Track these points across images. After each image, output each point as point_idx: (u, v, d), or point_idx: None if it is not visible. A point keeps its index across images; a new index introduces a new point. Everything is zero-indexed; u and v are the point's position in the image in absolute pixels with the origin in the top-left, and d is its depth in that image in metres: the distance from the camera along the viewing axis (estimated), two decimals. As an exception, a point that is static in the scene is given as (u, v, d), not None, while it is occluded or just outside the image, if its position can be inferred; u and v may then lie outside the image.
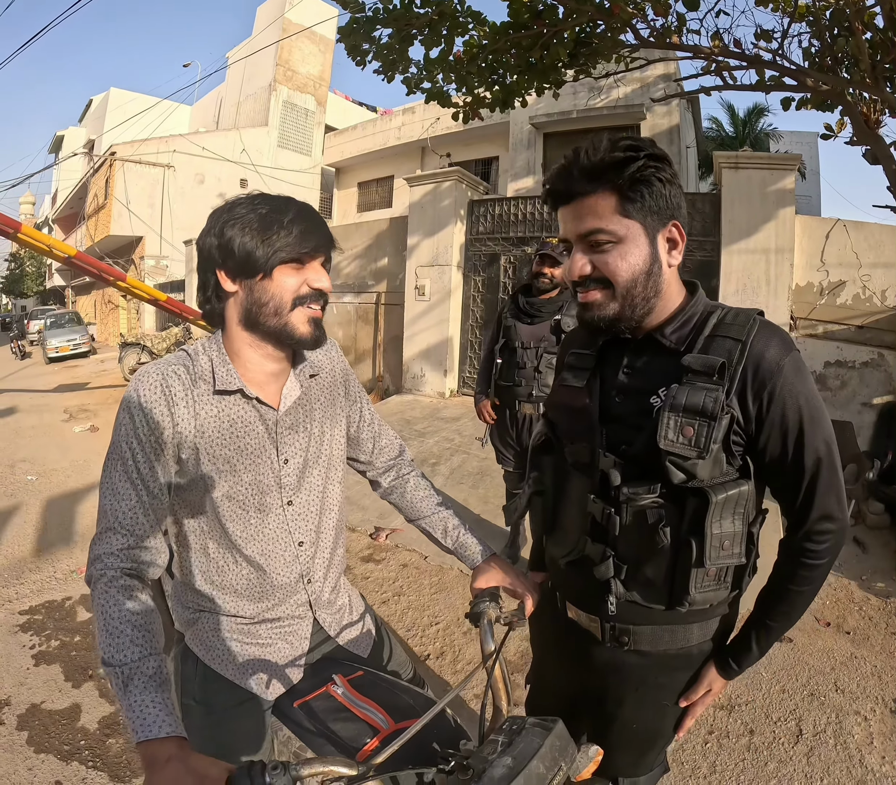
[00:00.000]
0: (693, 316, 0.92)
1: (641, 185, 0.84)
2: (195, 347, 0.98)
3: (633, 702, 1.03)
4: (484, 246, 6.67)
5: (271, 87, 16.77)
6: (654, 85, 9.55)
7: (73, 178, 20.69)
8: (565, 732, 0.74)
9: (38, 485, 4.83)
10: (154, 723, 0.71)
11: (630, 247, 0.87)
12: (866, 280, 4.65)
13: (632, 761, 1.10)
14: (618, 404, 0.96)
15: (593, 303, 0.91)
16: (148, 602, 0.86)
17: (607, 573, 0.93)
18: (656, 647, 0.98)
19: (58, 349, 14.58)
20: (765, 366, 0.84)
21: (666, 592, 0.92)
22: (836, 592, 3.00)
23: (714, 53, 4.84)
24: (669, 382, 0.88)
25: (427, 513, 1.20)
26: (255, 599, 1.03)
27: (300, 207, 0.93)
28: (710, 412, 0.82)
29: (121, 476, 0.89)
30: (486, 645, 0.92)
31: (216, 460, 0.94)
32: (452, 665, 2.37)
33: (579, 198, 0.87)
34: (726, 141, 15.26)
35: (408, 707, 0.98)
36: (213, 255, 0.92)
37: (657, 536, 0.87)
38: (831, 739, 1.98)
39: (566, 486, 1.05)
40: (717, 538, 0.85)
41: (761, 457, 0.88)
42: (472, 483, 4.32)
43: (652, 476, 0.88)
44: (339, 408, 1.12)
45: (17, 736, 2.01)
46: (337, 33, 5.02)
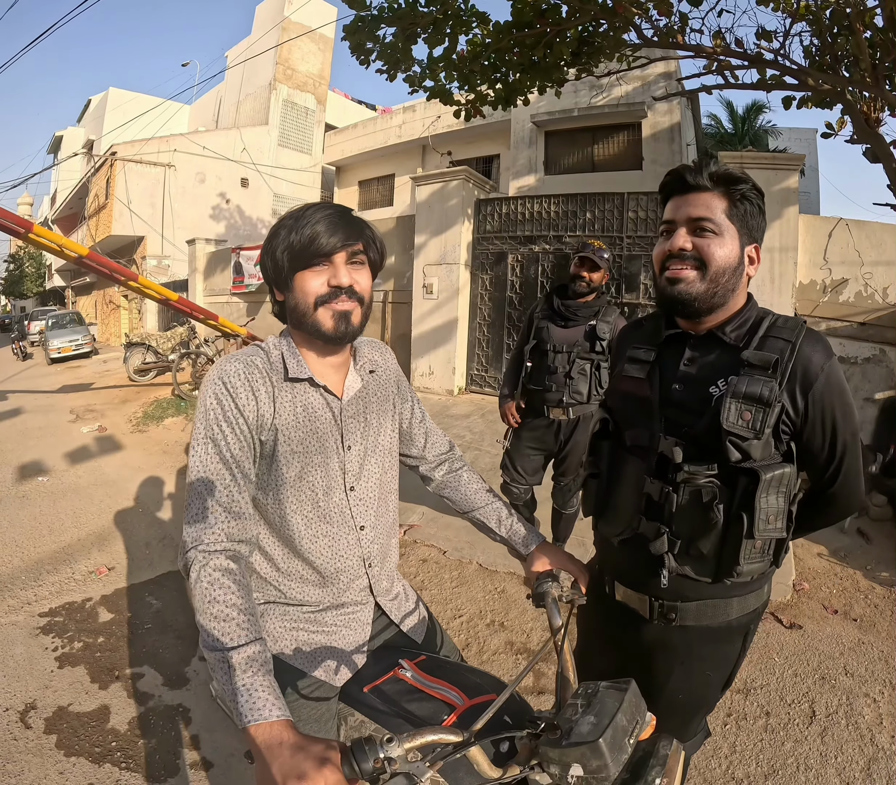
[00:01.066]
0: (749, 318, 1.06)
1: (746, 202, 1.02)
2: (268, 343, 1.07)
3: (680, 674, 1.13)
4: (491, 244, 6.71)
5: (271, 85, 16.76)
6: (655, 83, 9.58)
7: (72, 178, 20.65)
8: (638, 691, 0.80)
9: (49, 486, 4.79)
10: (264, 706, 0.73)
11: (727, 241, 1.01)
12: (868, 278, 4.71)
13: (677, 728, 1.19)
14: (678, 392, 1.07)
15: (684, 278, 1.02)
16: (248, 586, 0.89)
17: (662, 548, 1.04)
18: (700, 621, 1.08)
19: (60, 350, 14.51)
20: (811, 368, 0.97)
21: (714, 564, 1.02)
22: (843, 582, 3.07)
23: (716, 53, 4.88)
24: (727, 375, 1.01)
25: (481, 504, 1.27)
26: (321, 585, 1.07)
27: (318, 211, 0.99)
28: (766, 400, 0.95)
29: (213, 457, 0.94)
30: (553, 620, 0.99)
31: (291, 442, 1.01)
32: (479, 656, 2.43)
33: (697, 191, 1.02)
34: (725, 138, 15.27)
35: (477, 685, 1.01)
36: (265, 273, 1.05)
37: (711, 513, 0.99)
38: (843, 720, 2.07)
39: (622, 468, 1.15)
40: (765, 512, 0.96)
41: (801, 443, 1.01)
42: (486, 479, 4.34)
43: (709, 456, 0.99)
44: (392, 404, 1.20)
45: (45, 740, 1.98)
46: (342, 31, 5.03)
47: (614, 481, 1.17)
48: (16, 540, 3.66)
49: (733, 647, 1.13)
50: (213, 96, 20.09)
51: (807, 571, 3.19)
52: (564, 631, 0.94)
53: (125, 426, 6.98)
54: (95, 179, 17.21)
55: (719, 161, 1.04)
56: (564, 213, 6.22)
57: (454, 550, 3.33)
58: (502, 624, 2.66)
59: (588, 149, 10.91)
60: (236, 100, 18.27)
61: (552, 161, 11.30)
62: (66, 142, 24.88)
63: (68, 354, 14.61)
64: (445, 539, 3.45)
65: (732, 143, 14.85)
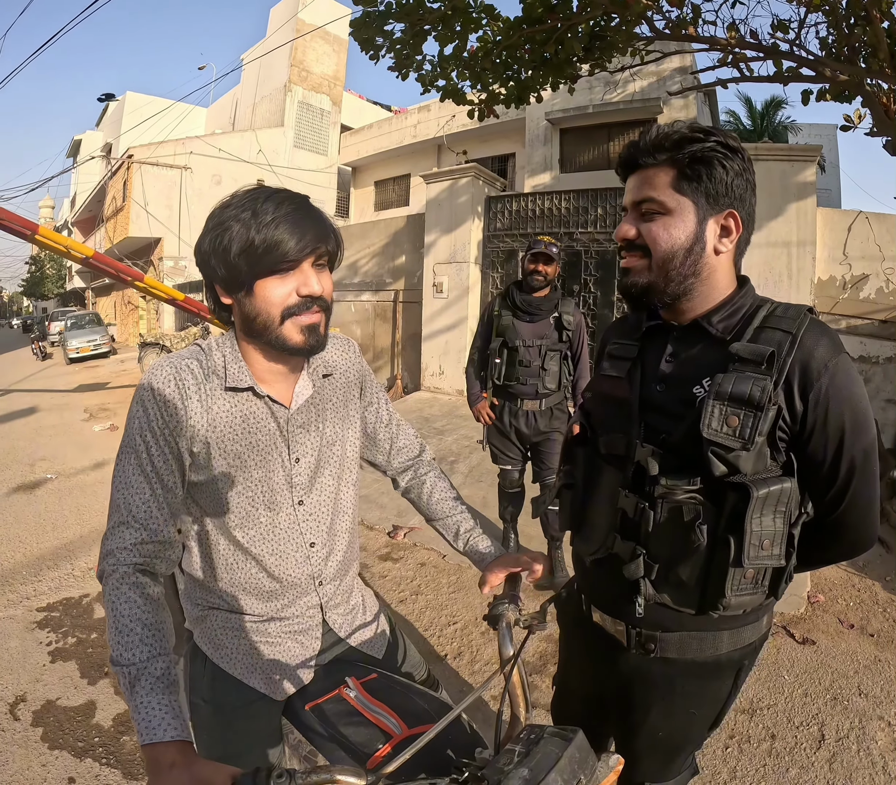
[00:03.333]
0: (741, 307, 0.91)
1: (701, 165, 0.86)
2: (209, 343, 0.97)
3: (660, 710, 1.00)
4: (502, 242, 6.63)
5: (286, 87, 16.84)
6: (670, 78, 9.43)
7: (91, 181, 20.97)
8: (585, 742, 0.70)
9: (57, 483, 4.90)
10: (159, 726, 0.70)
11: (676, 220, 0.88)
12: (890, 273, 4.55)
13: (659, 767, 1.08)
14: (659, 394, 0.93)
15: (632, 268, 0.92)
16: (160, 600, 0.84)
17: (637, 573, 0.90)
18: (683, 654, 0.95)
19: (78, 350, 14.78)
20: (814, 365, 0.82)
21: (698, 595, 0.89)
22: (860, 594, 2.93)
23: (730, 45, 4.76)
24: (714, 372, 0.85)
25: (440, 515, 1.18)
26: (265, 599, 1.01)
27: (279, 205, 0.85)
28: (757, 402, 0.80)
29: (134, 469, 0.88)
30: (504, 649, 0.87)
31: (227, 455, 0.93)
32: (470, 665, 2.35)
33: (642, 168, 0.91)
34: (744, 134, 15.03)
35: (422, 712, 0.96)
36: (205, 270, 0.90)
37: (693, 535, 0.84)
38: (854, 745, 1.93)
39: (597, 479, 1.01)
40: (757, 536, 0.81)
41: (800, 455, 0.85)
42: (491, 481, 4.25)
43: (691, 469, 0.85)
44: (354, 409, 1.10)
45: (31, 732, 2.01)
46: (349, 27, 5.00)
47: (589, 493, 1.03)
48: (19, 536, 3.77)
49: (723, 684, 0.98)
50: (229, 99, 20.27)
51: (822, 582, 3.04)
52: (514, 662, 0.83)
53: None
54: (113, 182, 17.44)
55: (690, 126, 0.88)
56: (575, 209, 6.11)
57: (454, 554, 3.24)
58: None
59: (604, 145, 10.77)
60: (252, 102, 18.39)
61: (568, 158, 11.18)
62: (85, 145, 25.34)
63: (86, 354, 14.88)
64: (445, 543, 3.36)
65: (752, 139, 14.60)
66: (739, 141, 0.90)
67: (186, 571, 1.04)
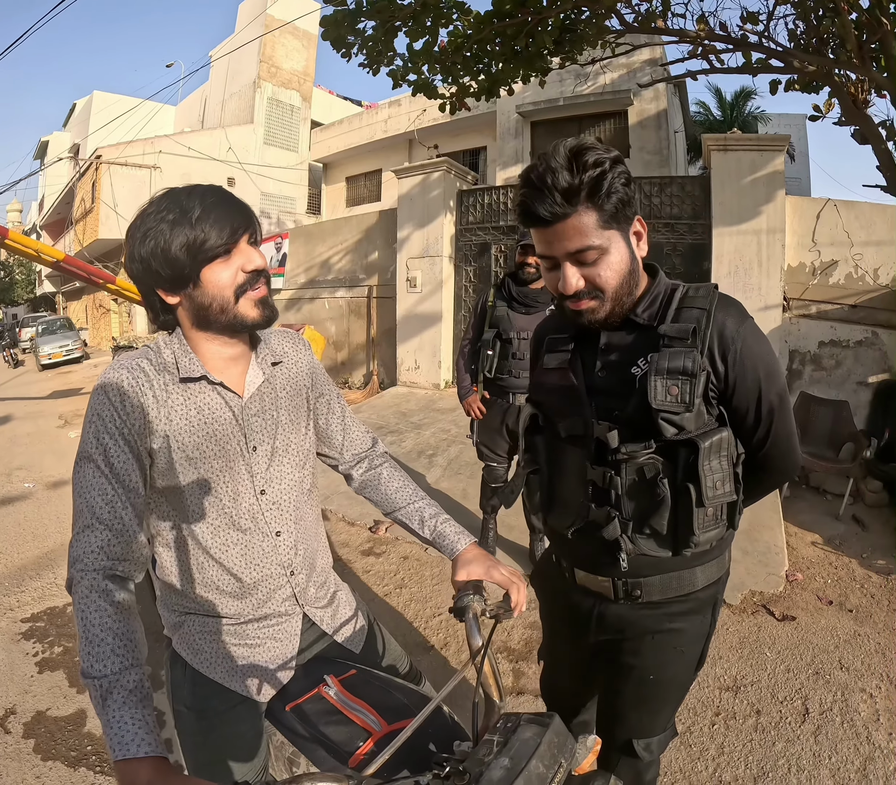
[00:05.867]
0: (658, 294, 1.03)
1: (613, 196, 0.90)
2: (157, 342, 0.99)
3: (650, 649, 1.10)
4: (474, 236, 6.64)
5: (255, 84, 16.60)
6: (640, 70, 9.48)
7: (59, 183, 20.47)
8: (563, 726, 0.72)
9: (35, 492, 4.80)
10: (132, 741, 0.68)
11: (614, 255, 0.94)
12: (858, 259, 4.64)
13: (647, 720, 1.16)
14: (601, 378, 1.05)
15: (587, 309, 0.98)
16: (130, 608, 0.82)
17: (615, 532, 1.02)
18: (666, 594, 1.07)
19: (50, 356, 14.47)
20: (727, 333, 0.96)
21: (671, 539, 1.01)
22: (838, 571, 3.01)
23: (700, 37, 4.80)
24: (646, 353, 0.99)
25: (402, 504, 1.16)
26: (239, 596, 1.01)
27: (204, 197, 0.90)
28: (691, 371, 0.93)
29: (94, 472, 0.87)
30: (472, 640, 0.88)
31: (186, 448, 0.94)
32: (457, 655, 2.37)
33: (562, 219, 0.91)
34: (714, 125, 15.16)
35: (401, 706, 0.97)
36: (144, 278, 0.92)
37: (657, 489, 0.98)
38: (838, 717, 1.99)
39: (561, 460, 1.12)
40: (711, 479, 0.95)
41: (729, 408, 1.00)
42: (471, 473, 4.30)
43: (644, 435, 0.98)
44: (305, 399, 1.11)
45: (23, 744, 1.99)
46: (320, 25, 4.97)
47: (556, 474, 1.14)
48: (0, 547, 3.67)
49: (703, 619, 1.12)
50: (197, 96, 19.92)
51: (800, 561, 3.12)
52: (484, 652, 0.84)
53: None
54: (81, 184, 17.07)
55: (577, 159, 0.88)
56: (549, 202, 6.15)
57: (435, 546, 3.27)
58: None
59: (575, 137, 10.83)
60: (221, 99, 18.11)
61: (539, 151, 11.17)
62: (53, 147, 24.69)
63: (59, 360, 14.59)
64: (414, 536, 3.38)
65: (721, 130, 14.71)
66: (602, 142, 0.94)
67: (160, 577, 1.03)
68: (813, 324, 4.83)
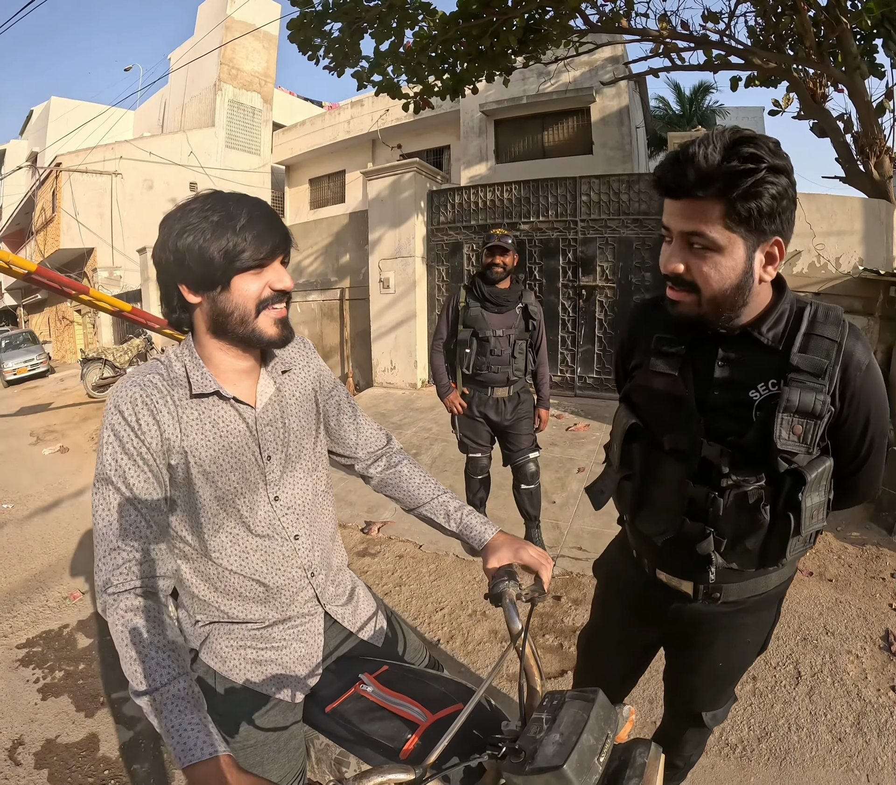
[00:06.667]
0: (784, 312, 0.97)
1: (752, 201, 0.83)
2: (168, 355, 0.99)
3: (722, 642, 1.16)
4: (446, 235, 6.68)
5: (216, 86, 16.35)
6: (602, 68, 9.62)
7: (17, 193, 19.84)
8: (607, 701, 0.75)
9: (14, 512, 4.60)
10: (196, 745, 0.71)
11: (726, 258, 0.88)
12: (820, 249, 4.81)
13: (714, 697, 1.25)
14: (716, 396, 1.00)
15: (681, 301, 0.94)
16: (167, 621, 0.85)
17: (709, 548, 1.02)
18: (742, 595, 1.11)
19: (15, 371, 14.06)
20: (852, 369, 0.93)
21: (758, 557, 1.03)
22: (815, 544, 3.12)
23: (662, 36, 4.91)
24: (767, 378, 0.95)
25: (426, 499, 1.17)
26: (263, 601, 1.02)
27: (252, 208, 0.91)
28: (819, 413, 0.91)
29: (114, 495, 0.88)
30: (512, 624, 0.89)
31: (203, 462, 0.94)
32: (464, 647, 2.42)
33: (688, 198, 0.86)
34: (674, 119, 15.45)
35: (441, 696, 0.98)
36: (171, 270, 0.91)
37: (758, 514, 0.98)
38: (829, 678, 2.12)
39: (659, 471, 1.10)
40: (810, 510, 0.96)
41: (834, 437, 0.98)
42: (456, 469, 4.34)
43: (755, 464, 0.96)
44: (315, 403, 1.12)
45: (37, 775, 1.90)
46: (287, 28, 4.93)
47: (651, 484, 1.13)
48: None
49: (770, 612, 1.17)
50: (157, 100, 19.51)
51: (780, 537, 3.25)
52: (525, 634, 0.86)
53: (87, 445, 6.77)
54: (41, 192, 16.61)
55: (733, 148, 0.81)
56: (518, 200, 6.21)
57: (430, 543, 3.32)
58: (484, 613, 2.65)
59: (538, 135, 10.94)
60: (181, 102, 17.79)
61: (503, 149, 11.30)
62: (10, 155, 23.86)
63: (24, 375, 14.20)
64: (420, 533, 3.41)
65: (681, 125, 15.03)
66: (786, 157, 0.86)
67: (182, 590, 1.04)
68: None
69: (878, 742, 1.83)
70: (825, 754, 1.81)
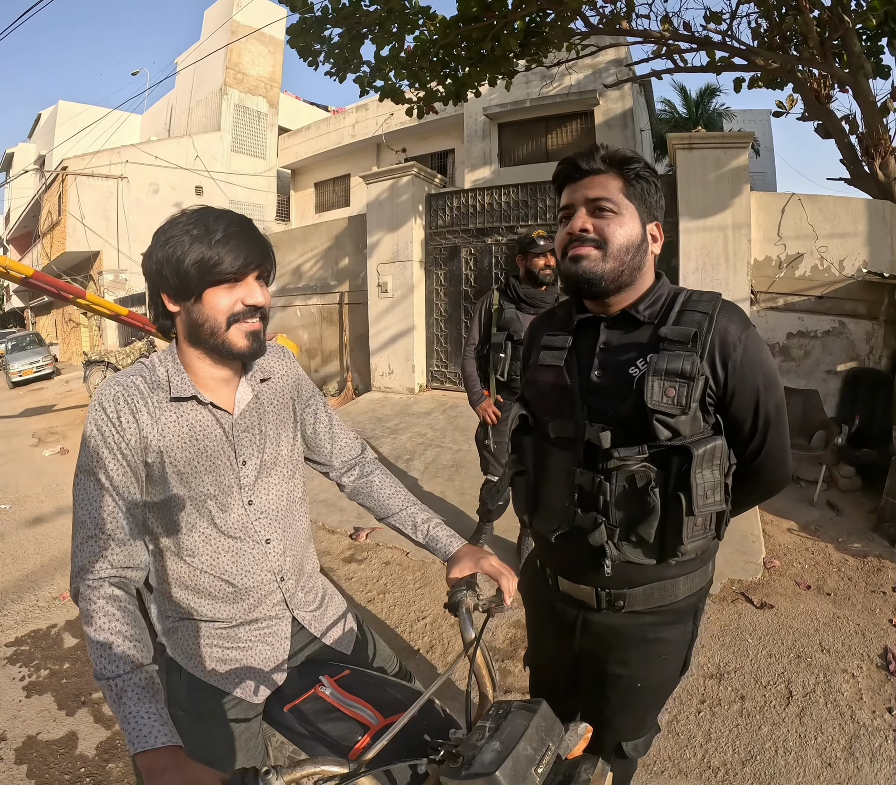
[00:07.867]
0: (661, 295, 1.05)
1: (641, 181, 1.02)
2: (152, 359, 1.03)
3: (637, 659, 1.11)
4: (444, 239, 6.66)
5: (222, 90, 16.46)
6: (605, 70, 9.61)
7: (25, 196, 20.05)
8: (550, 712, 0.75)
9: (12, 513, 4.67)
10: (150, 733, 0.73)
11: (626, 220, 1.01)
12: (823, 251, 4.74)
13: (635, 724, 1.18)
14: (598, 378, 1.05)
15: (586, 255, 1.00)
16: (136, 613, 0.88)
17: (601, 538, 1.01)
18: (648, 605, 1.08)
19: (21, 373, 14.19)
20: (729, 339, 0.97)
21: (658, 547, 1.01)
22: (815, 556, 3.07)
23: (664, 37, 4.88)
24: (646, 354, 0.99)
25: (395, 510, 1.20)
26: (231, 601, 1.04)
27: (230, 224, 0.94)
28: (689, 374, 0.93)
29: (95, 485, 0.92)
30: (465, 633, 0.93)
31: (178, 463, 0.98)
32: (443, 657, 2.38)
33: (592, 175, 1.02)
34: (680, 122, 15.39)
35: (395, 701, 1.00)
36: (154, 279, 0.96)
37: (648, 497, 0.97)
38: (821, 698, 2.02)
39: (549, 462, 1.12)
40: (702, 488, 0.95)
41: (726, 416, 1.00)
42: (448, 476, 4.34)
43: (637, 438, 0.97)
44: (292, 411, 1.15)
45: (16, 770, 1.95)
46: (287, 34, 4.95)
47: (542, 477, 1.13)
48: None
49: (685, 627, 1.12)
50: (164, 105, 19.70)
51: (777, 548, 3.17)
52: (476, 644, 0.88)
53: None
54: (48, 196, 16.76)
55: (608, 146, 1.03)
56: (516, 203, 6.17)
57: (417, 551, 3.27)
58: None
59: (542, 138, 10.91)
60: (187, 107, 17.92)
61: (506, 153, 11.29)
62: (18, 159, 24.18)
63: (30, 377, 14.32)
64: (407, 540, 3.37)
65: (687, 127, 14.95)
66: None
67: (153, 585, 1.05)
68: (781, 316, 4.92)
69: (871, 768, 1.73)
70: (813, 780, 1.71)
